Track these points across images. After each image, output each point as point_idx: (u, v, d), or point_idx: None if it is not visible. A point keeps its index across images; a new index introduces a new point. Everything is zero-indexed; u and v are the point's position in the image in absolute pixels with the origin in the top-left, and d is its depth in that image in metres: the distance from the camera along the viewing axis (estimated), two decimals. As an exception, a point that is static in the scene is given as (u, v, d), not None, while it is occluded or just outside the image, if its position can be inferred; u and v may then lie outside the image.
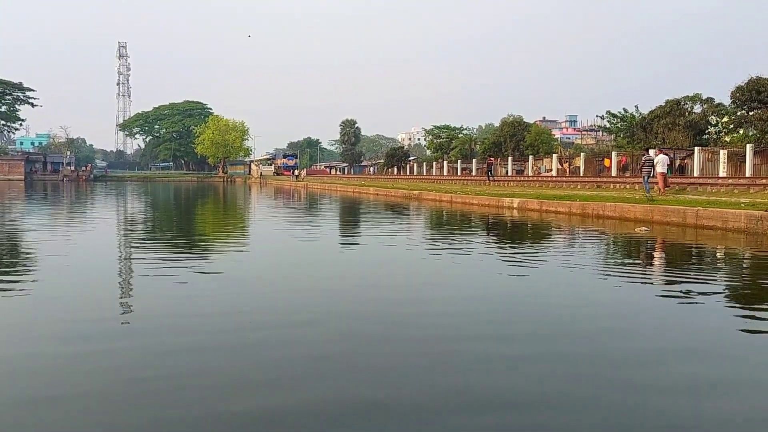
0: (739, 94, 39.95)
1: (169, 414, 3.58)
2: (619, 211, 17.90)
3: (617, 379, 4.17)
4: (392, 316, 6.03)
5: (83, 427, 3.41)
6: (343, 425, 3.44)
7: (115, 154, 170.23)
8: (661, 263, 10.07)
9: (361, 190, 43.95)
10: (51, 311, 6.18)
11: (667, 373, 4.31)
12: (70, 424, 3.45)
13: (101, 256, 10.65)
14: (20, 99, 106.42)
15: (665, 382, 4.08)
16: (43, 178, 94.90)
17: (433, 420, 3.49)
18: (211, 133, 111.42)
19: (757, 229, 13.35)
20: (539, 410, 3.64)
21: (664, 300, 6.88)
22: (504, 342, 5.12)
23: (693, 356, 4.78)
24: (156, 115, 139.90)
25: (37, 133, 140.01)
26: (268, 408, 3.67)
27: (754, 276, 8.86)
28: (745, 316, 6.13)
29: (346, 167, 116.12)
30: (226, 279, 8.11)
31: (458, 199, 28.06)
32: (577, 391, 3.92)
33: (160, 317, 5.93)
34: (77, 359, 4.57)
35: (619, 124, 57.11)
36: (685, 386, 4.05)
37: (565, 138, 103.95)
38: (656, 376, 4.23)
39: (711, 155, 37.45)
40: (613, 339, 5.25)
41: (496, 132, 68.35)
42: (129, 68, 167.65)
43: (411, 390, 3.95)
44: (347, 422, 3.47)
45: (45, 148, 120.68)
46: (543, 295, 7.16)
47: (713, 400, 3.85)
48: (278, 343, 5.05)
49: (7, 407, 3.69)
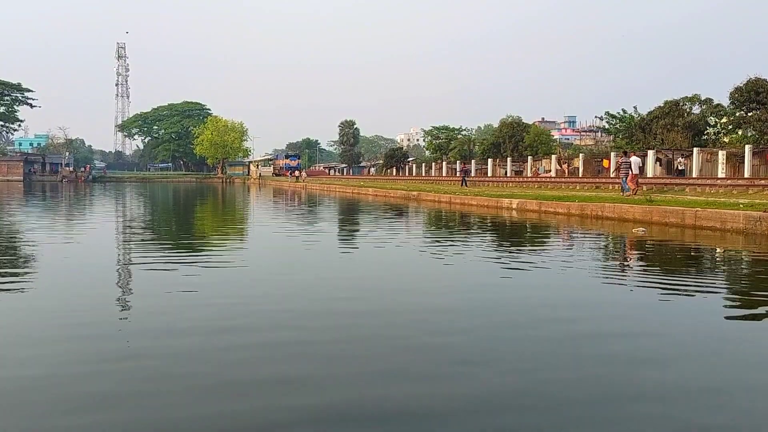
0: (738, 95, 40.01)
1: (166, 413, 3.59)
2: (618, 212, 17.91)
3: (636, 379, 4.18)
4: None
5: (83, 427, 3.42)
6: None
7: (114, 154, 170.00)
8: (654, 263, 10.08)
9: (360, 191, 43.94)
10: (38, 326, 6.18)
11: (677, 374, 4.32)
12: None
13: (99, 261, 10.65)
14: (19, 100, 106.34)
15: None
16: (42, 179, 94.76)
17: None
18: (209, 134, 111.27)
19: (756, 229, 13.36)
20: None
21: (647, 298, 6.89)
22: (507, 330, 5.13)
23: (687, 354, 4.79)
24: (155, 116, 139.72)
25: (35, 134, 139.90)
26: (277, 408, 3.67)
27: (744, 275, 8.88)
28: (730, 317, 6.15)
29: (344, 168, 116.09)
30: (224, 284, 8.11)
31: (457, 200, 28.07)
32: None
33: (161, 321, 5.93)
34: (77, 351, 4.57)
35: (618, 125, 57.17)
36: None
37: (564, 139, 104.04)
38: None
39: (710, 156, 37.49)
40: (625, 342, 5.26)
41: (495, 133, 68.34)
42: (128, 69, 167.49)
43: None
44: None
45: (44, 149, 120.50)
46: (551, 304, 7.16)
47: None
48: (298, 342, 5.06)
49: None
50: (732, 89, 40.40)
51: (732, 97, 40.67)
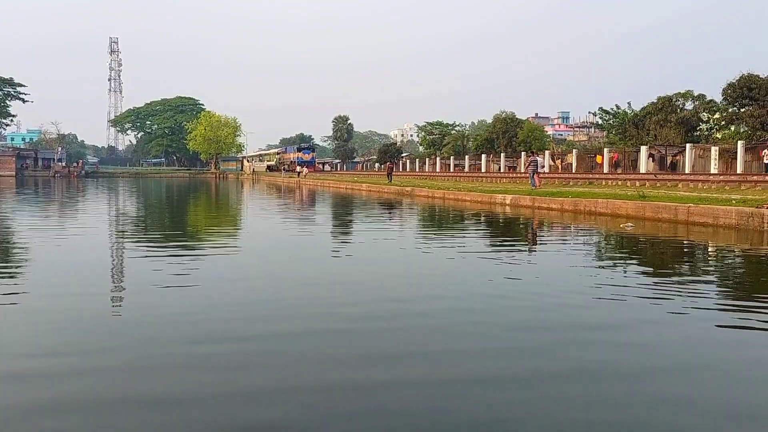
0: (731, 91, 40.14)
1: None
2: (611, 208, 17.95)
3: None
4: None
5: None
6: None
7: (107, 150, 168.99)
8: (636, 257, 10.12)
9: (353, 186, 43.91)
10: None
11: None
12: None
13: (91, 257, 10.61)
14: (11, 94, 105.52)
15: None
16: (35, 174, 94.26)
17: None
18: (203, 129, 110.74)
19: (748, 225, 13.42)
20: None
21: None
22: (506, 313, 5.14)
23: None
24: (148, 111, 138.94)
25: (28, 129, 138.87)
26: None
27: (730, 270, 8.93)
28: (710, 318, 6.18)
29: (338, 163, 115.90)
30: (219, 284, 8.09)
31: (451, 196, 28.06)
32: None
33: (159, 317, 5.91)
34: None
35: (612, 121, 57.25)
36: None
37: (558, 134, 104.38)
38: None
39: (703, 152, 37.61)
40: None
41: (488, 128, 68.44)
42: (120, 64, 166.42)
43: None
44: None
45: (36, 144, 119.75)
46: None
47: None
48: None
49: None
50: (725, 85, 40.55)
51: (725, 93, 40.80)
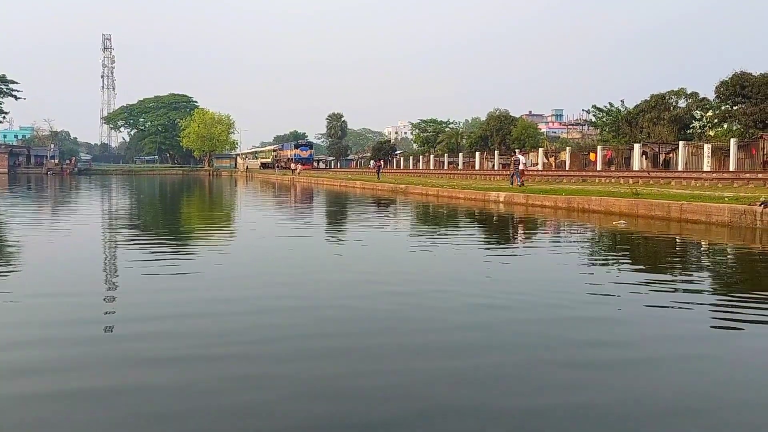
0: (723, 89, 40.25)
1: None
2: (604, 205, 17.97)
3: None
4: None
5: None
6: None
7: (100, 147, 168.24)
8: (626, 254, 10.16)
9: (347, 183, 43.85)
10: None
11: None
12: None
13: (84, 256, 10.57)
14: (3, 91, 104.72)
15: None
16: (27, 171, 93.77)
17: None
18: (196, 127, 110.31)
19: (741, 222, 13.48)
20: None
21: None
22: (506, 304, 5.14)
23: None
24: (141, 108, 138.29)
25: (20, 126, 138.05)
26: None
27: (717, 266, 8.97)
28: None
29: (332, 161, 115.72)
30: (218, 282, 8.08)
31: (445, 193, 28.03)
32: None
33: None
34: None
35: (605, 119, 57.36)
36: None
37: (551, 132, 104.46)
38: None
39: (696, 149, 37.74)
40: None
41: (482, 126, 68.50)
42: (113, 60, 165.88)
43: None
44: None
45: (29, 141, 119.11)
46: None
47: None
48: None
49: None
50: (718, 83, 40.66)
51: (717, 91, 40.92)
